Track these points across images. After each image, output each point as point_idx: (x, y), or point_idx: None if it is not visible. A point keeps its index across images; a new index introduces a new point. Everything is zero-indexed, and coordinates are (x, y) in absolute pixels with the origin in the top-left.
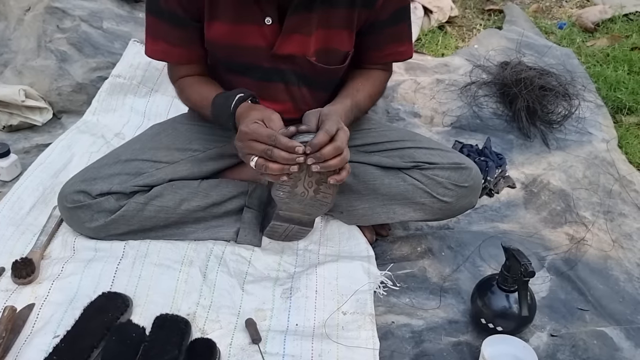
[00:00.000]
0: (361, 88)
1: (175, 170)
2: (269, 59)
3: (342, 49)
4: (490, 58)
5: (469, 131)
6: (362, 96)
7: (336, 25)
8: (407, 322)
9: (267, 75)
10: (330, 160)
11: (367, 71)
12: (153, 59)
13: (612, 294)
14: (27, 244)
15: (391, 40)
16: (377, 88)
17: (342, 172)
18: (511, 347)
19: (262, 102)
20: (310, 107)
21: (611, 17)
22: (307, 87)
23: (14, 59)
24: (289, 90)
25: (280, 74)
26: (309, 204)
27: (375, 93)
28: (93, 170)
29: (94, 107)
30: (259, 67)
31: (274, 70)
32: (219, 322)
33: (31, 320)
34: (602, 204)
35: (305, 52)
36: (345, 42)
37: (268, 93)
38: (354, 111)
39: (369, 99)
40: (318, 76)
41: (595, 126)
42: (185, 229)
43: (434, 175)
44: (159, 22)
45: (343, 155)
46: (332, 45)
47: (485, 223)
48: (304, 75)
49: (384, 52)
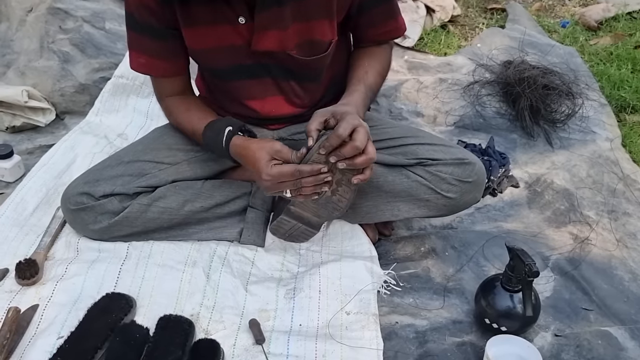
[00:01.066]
0: (369, 68)
1: (178, 170)
2: (250, 56)
3: (325, 39)
4: (493, 57)
5: (472, 130)
6: (372, 76)
7: (315, 16)
8: (410, 323)
9: (253, 73)
10: (354, 158)
11: (370, 49)
12: (138, 72)
13: (616, 294)
14: (30, 245)
15: (384, 17)
16: (385, 63)
17: (366, 171)
18: (515, 347)
19: (253, 102)
20: (303, 100)
21: (614, 16)
22: (294, 80)
23: (16, 60)
24: (278, 84)
25: (266, 68)
26: (322, 204)
27: (384, 69)
28: (96, 172)
29: (97, 108)
30: (242, 66)
31: (258, 66)
32: (223, 323)
33: (35, 321)
34: (606, 203)
35: (284, 47)
36: (327, 32)
37: (258, 90)
38: (369, 95)
39: (379, 77)
40: (302, 69)
41: (599, 125)
42: (188, 229)
43: (438, 171)
44: (139, 36)
45: (367, 153)
46: (314, 37)
47: (488, 223)
48: (289, 70)
49: (379, 29)
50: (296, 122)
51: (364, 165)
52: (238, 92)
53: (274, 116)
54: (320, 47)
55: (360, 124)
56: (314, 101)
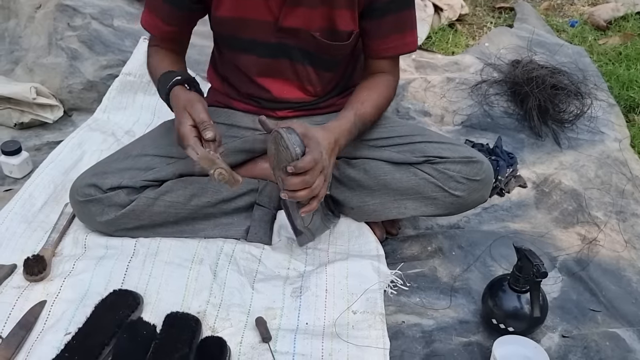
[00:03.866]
0: (366, 100)
1: (185, 165)
2: (275, 34)
3: (345, 28)
4: (501, 56)
5: (479, 130)
6: (368, 108)
7: (339, 5)
8: (417, 322)
9: (273, 52)
10: (297, 191)
11: (373, 80)
12: (145, 29)
13: (624, 295)
14: (38, 241)
15: (395, 30)
16: (384, 97)
17: (313, 201)
18: (522, 347)
19: (269, 80)
20: (315, 88)
21: (623, 15)
22: (311, 66)
23: (25, 57)
24: (295, 68)
25: (286, 50)
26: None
27: (382, 103)
28: (104, 165)
29: (105, 105)
30: (265, 44)
31: (279, 46)
32: (229, 321)
33: (43, 317)
34: (615, 204)
35: (310, 27)
36: (349, 22)
37: (275, 70)
38: (358, 125)
39: (375, 110)
40: (322, 53)
41: (608, 125)
42: (195, 225)
43: (445, 169)
44: (162, 2)
45: (312, 188)
46: (335, 26)
47: (496, 223)
48: (308, 53)
49: (388, 43)
50: (304, 109)
51: (304, 198)
52: (253, 69)
53: (283, 99)
54: (341, 36)
55: (323, 158)
56: (324, 92)
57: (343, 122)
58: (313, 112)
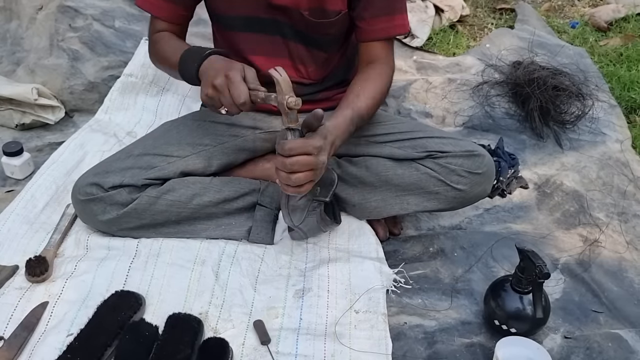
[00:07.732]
0: (361, 92)
1: (187, 164)
2: (266, 10)
3: (334, 8)
4: (502, 57)
5: (481, 131)
6: (364, 101)
7: None
8: (419, 323)
9: (266, 28)
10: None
11: (367, 71)
12: (141, 7)
13: (626, 296)
14: (40, 242)
15: (384, 11)
16: (380, 88)
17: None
18: (525, 349)
19: (260, 58)
20: (307, 68)
21: (624, 16)
22: (303, 44)
23: (26, 58)
24: (287, 45)
25: (278, 26)
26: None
27: (378, 94)
28: (106, 164)
29: (106, 106)
30: (257, 19)
31: (271, 22)
32: (232, 322)
33: (45, 318)
34: (616, 205)
35: (299, 6)
36: (337, 1)
37: (267, 49)
38: (355, 120)
39: (371, 101)
40: (312, 32)
41: (609, 126)
42: (197, 225)
43: (447, 163)
44: None
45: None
46: (324, 5)
47: (497, 224)
48: (299, 31)
49: (377, 24)
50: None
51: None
52: (247, 46)
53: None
54: (329, 15)
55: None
56: (318, 76)
57: (340, 120)
58: (310, 106)
